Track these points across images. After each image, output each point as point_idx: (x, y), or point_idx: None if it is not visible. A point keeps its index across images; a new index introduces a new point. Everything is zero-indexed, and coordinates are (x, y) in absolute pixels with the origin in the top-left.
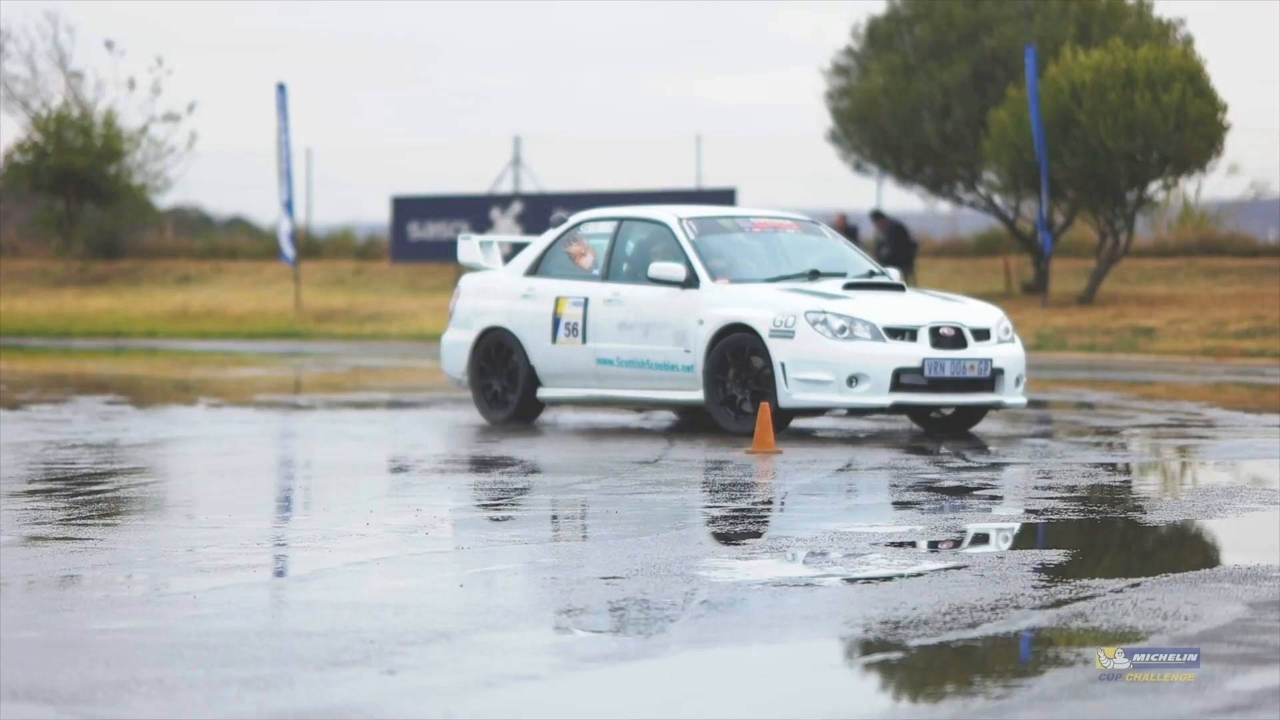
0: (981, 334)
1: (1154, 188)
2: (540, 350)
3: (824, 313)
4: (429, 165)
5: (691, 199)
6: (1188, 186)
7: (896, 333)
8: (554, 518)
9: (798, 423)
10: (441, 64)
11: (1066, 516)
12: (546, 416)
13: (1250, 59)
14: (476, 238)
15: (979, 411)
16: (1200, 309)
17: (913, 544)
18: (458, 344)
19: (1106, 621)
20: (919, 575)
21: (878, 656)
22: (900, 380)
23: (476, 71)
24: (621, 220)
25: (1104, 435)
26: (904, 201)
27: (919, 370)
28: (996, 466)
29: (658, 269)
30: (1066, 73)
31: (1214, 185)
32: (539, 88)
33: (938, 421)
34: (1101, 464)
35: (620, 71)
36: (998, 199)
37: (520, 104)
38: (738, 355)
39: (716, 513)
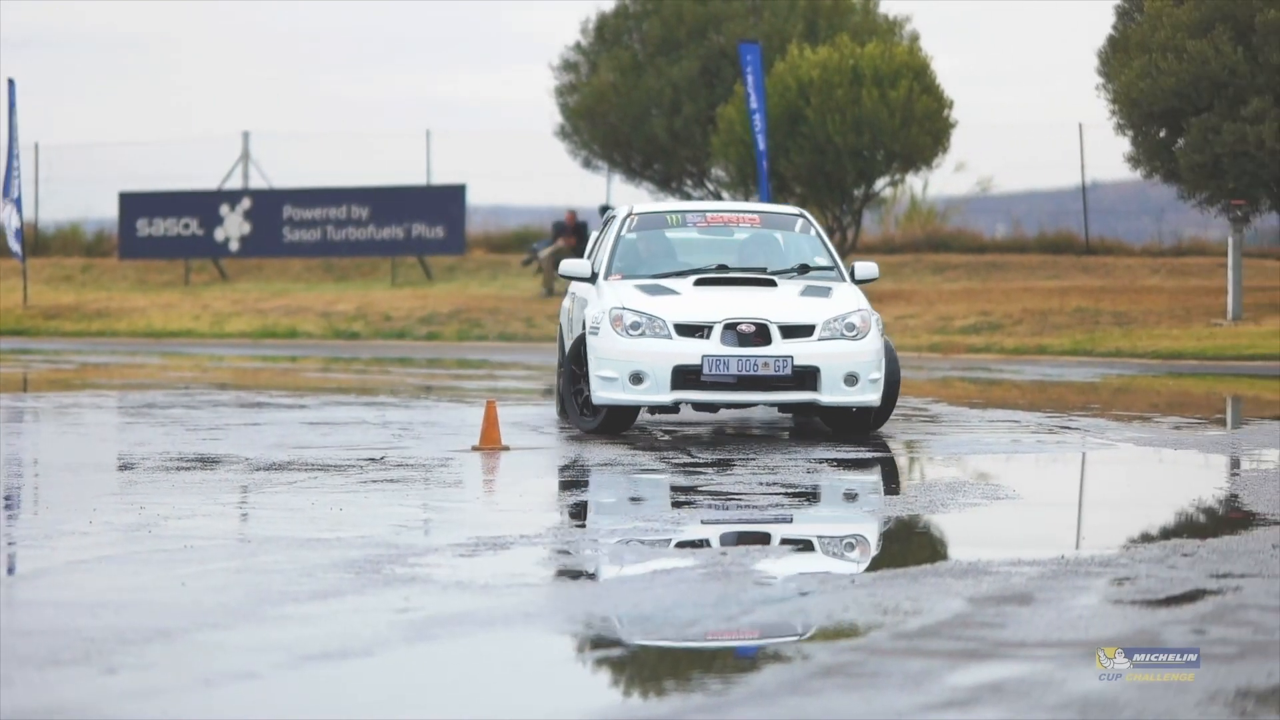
0: (797, 330)
1: (881, 184)
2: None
3: (623, 310)
4: (158, 161)
5: (422, 195)
6: (915, 183)
7: (690, 329)
8: (277, 516)
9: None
10: (172, 60)
11: (790, 512)
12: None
13: (975, 56)
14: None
15: (869, 412)
16: (927, 305)
17: (634, 541)
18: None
19: (827, 617)
20: (641, 572)
21: (599, 654)
22: (690, 378)
23: (206, 68)
24: (611, 217)
25: (830, 431)
26: (634, 197)
27: (699, 368)
28: (722, 464)
29: (565, 266)
30: (794, 70)
31: (941, 182)
32: (269, 84)
33: (846, 421)
34: (827, 460)
35: (351, 67)
36: (726, 195)
37: (250, 100)
38: (590, 352)
39: (435, 510)
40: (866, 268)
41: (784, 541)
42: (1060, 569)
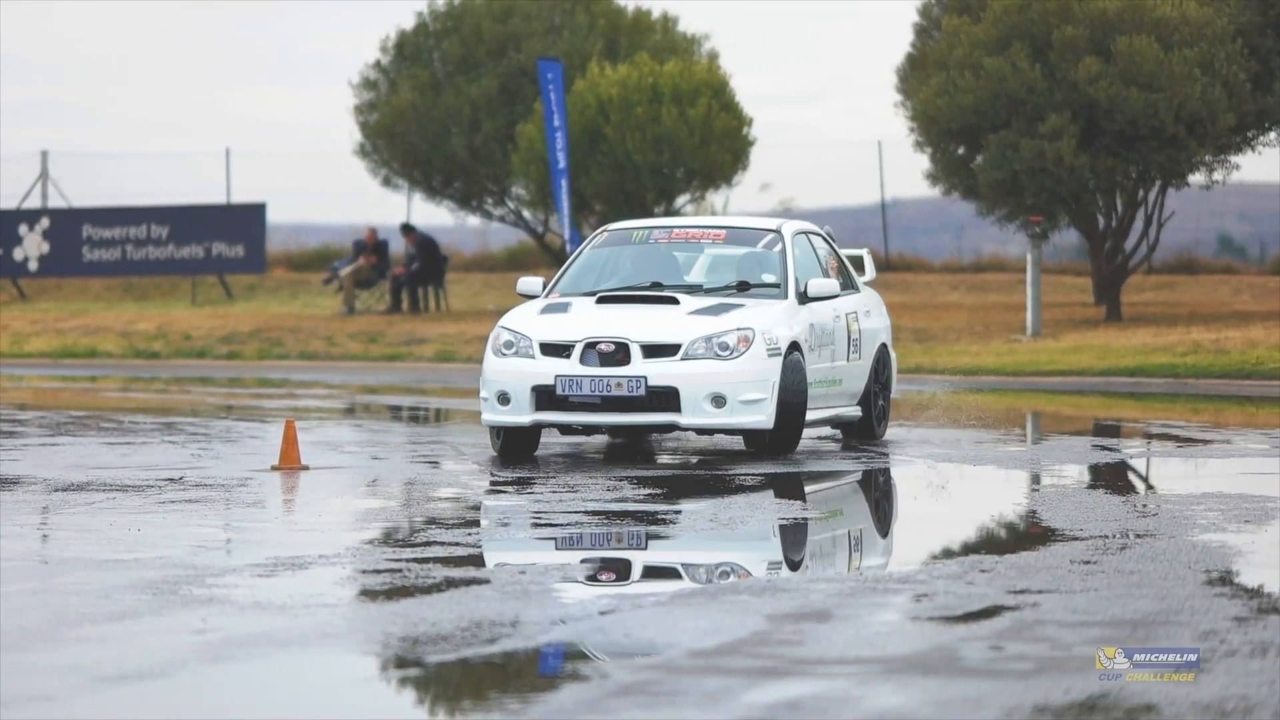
0: (660, 349)
1: (682, 201)
2: None
3: (501, 329)
4: None
5: (222, 213)
6: (715, 200)
7: (554, 349)
8: (75, 537)
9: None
10: None
11: (589, 531)
12: None
13: (776, 75)
14: None
15: (762, 435)
16: None
17: (433, 560)
18: None
19: (625, 636)
20: (439, 591)
21: (398, 673)
22: (556, 398)
23: (3, 87)
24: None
25: (630, 449)
26: (434, 216)
27: (553, 388)
28: (522, 482)
29: (522, 284)
30: (593, 88)
31: (745, 199)
32: (68, 103)
33: (762, 443)
34: (628, 478)
35: (151, 86)
36: (527, 213)
37: (49, 119)
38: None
39: (234, 530)
40: (823, 285)
41: (583, 560)
42: (859, 586)
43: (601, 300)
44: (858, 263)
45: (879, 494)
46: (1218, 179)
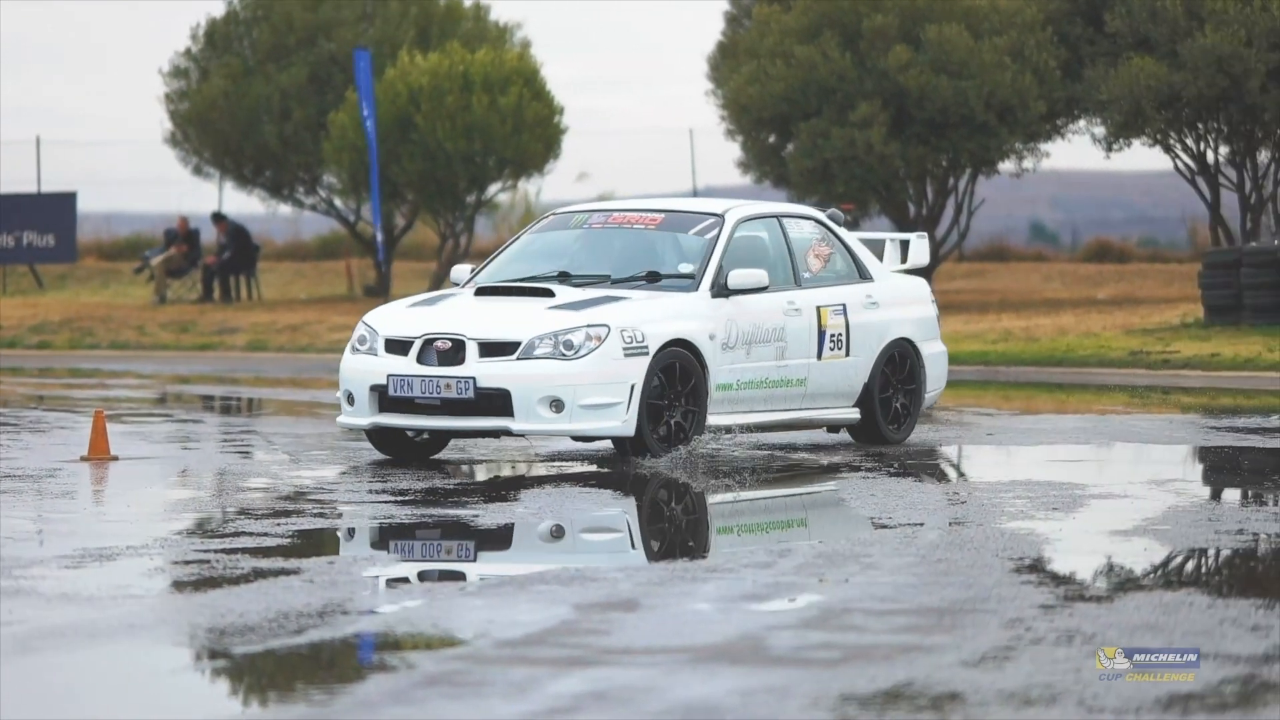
0: (498, 348)
1: (494, 190)
2: None
3: (361, 323)
4: None
5: (32, 202)
6: (529, 188)
7: (397, 345)
8: None
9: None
10: None
11: (399, 522)
12: None
13: (589, 63)
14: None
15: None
16: None
17: (241, 551)
18: None
19: (432, 626)
20: (248, 582)
21: (204, 665)
22: (389, 398)
23: None
24: None
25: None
26: (245, 204)
27: (385, 388)
28: (331, 474)
29: (452, 272)
30: (404, 76)
31: (563, 189)
32: None
33: (625, 451)
34: (443, 460)
35: None
36: (338, 202)
37: None
38: None
39: (42, 521)
40: (745, 276)
41: (392, 550)
42: (667, 575)
43: (480, 292)
44: (901, 248)
45: (699, 485)
46: (1028, 166)
